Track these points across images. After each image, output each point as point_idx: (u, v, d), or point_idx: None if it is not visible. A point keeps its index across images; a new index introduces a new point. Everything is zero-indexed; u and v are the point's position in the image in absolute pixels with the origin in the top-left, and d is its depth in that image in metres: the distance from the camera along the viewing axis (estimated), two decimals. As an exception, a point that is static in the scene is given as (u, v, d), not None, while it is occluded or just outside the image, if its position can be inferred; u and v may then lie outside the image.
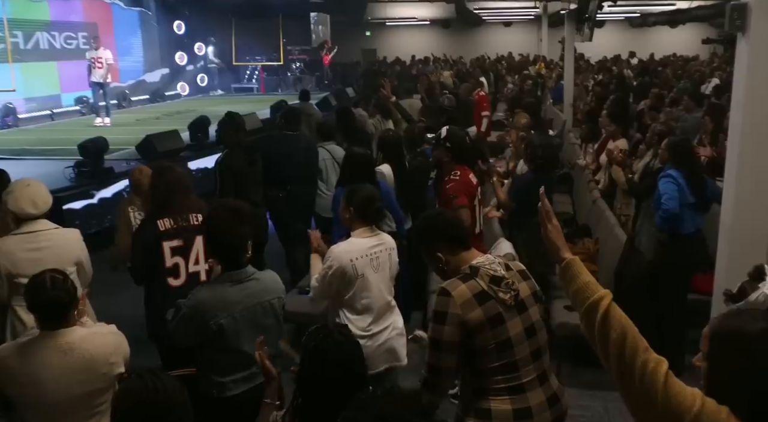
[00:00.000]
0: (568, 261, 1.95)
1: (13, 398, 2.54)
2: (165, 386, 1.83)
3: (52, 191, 7.47)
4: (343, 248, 3.41)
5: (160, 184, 3.70)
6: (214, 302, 2.79)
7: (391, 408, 1.13)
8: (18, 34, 14.85)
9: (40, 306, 2.53)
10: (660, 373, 1.69)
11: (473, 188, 4.54)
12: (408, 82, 13.15)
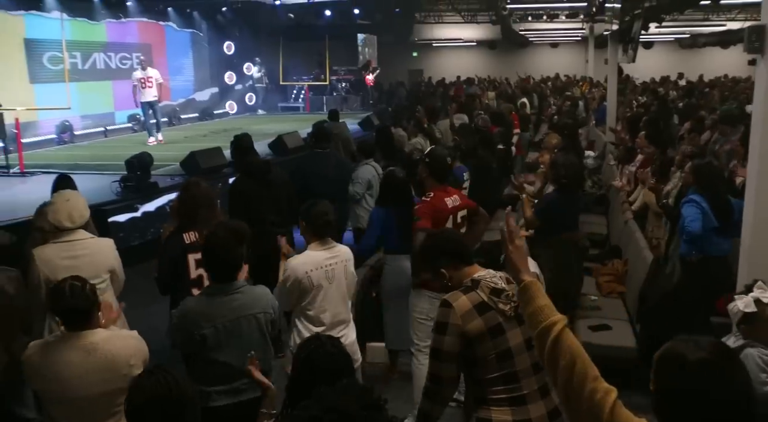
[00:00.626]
0: (525, 284, 1.96)
1: (40, 393, 2.73)
2: (176, 381, 1.97)
3: (99, 204, 7.92)
4: (300, 261, 3.60)
5: (186, 198, 3.89)
6: (199, 313, 2.94)
7: (344, 400, 1.23)
8: (77, 54, 15.53)
9: (60, 311, 2.72)
10: (607, 403, 1.69)
11: (445, 211, 4.42)
12: (449, 103, 13.27)
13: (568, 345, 1.79)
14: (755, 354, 2.84)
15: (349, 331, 3.80)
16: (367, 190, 6.41)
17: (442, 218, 4.43)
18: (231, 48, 21.14)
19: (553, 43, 30.79)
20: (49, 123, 14.25)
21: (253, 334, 3.03)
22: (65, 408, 2.70)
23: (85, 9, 15.56)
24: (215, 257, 3.03)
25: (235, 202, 5.54)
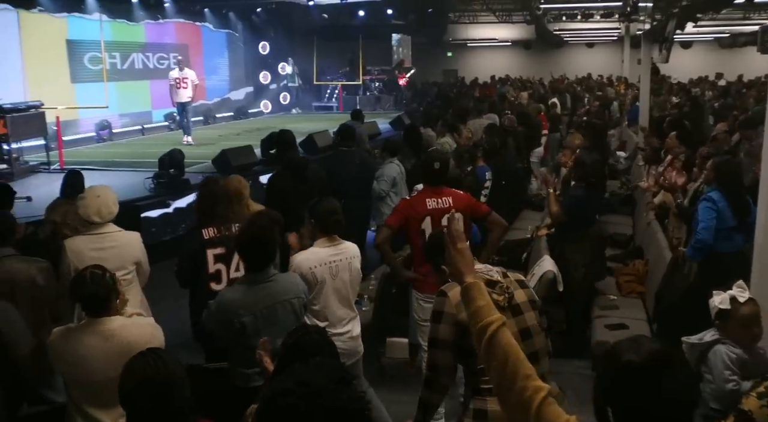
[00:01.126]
0: (467, 285, 1.98)
1: (63, 375, 2.90)
2: (165, 364, 2.09)
3: (132, 200, 8.16)
4: (304, 257, 3.70)
5: (205, 195, 4.04)
6: (237, 302, 3.08)
7: (315, 375, 1.34)
8: (116, 55, 15.97)
9: (81, 298, 2.88)
10: (535, 401, 1.71)
11: (421, 212, 4.35)
12: (479, 103, 13.29)
13: (502, 344, 1.82)
14: (723, 351, 2.88)
15: (353, 325, 3.89)
16: (392, 188, 6.52)
17: (416, 217, 4.36)
18: (266, 48, 21.45)
19: (589, 43, 30.46)
20: (89, 122, 14.68)
21: (288, 319, 3.17)
22: (85, 390, 2.86)
23: (125, 10, 15.99)
24: (256, 245, 3.16)
25: (272, 196, 5.74)
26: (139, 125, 16.15)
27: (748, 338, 2.90)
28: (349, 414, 1.28)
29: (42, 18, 13.75)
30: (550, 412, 1.69)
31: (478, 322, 1.89)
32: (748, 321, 2.90)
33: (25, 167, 10.53)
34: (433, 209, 4.35)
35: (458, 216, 4.07)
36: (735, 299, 2.88)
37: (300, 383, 1.30)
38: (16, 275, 3.52)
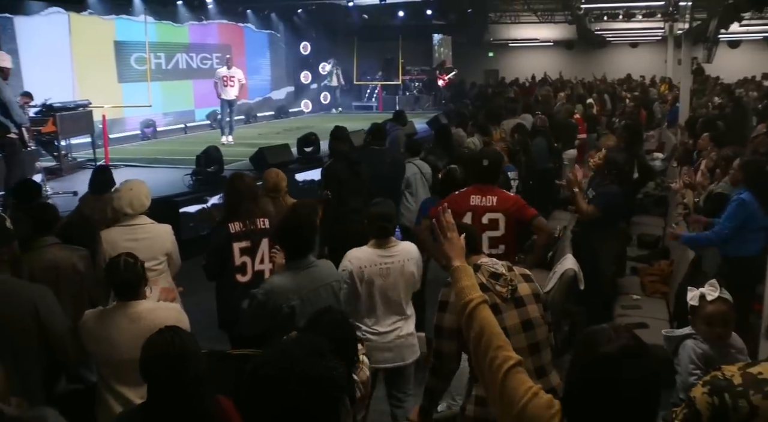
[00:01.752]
0: (454, 268, 2.22)
1: (94, 354, 3.12)
2: (181, 339, 2.29)
3: (171, 196, 8.46)
4: (357, 255, 3.83)
5: (231, 191, 4.24)
6: (285, 288, 3.25)
7: (293, 347, 1.49)
8: (161, 55, 16.45)
9: (114, 283, 3.10)
10: (503, 368, 1.87)
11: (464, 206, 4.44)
12: (513, 104, 13.31)
13: (480, 319, 2.01)
14: (690, 346, 2.95)
15: (403, 324, 3.94)
16: (406, 188, 6.64)
17: (457, 211, 4.34)
18: (307, 48, 21.78)
19: (633, 42, 30.03)
20: (134, 120, 15.17)
21: (330, 300, 3.33)
22: (114, 369, 3.08)
23: (170, 12, 16.46)
24: (298, 232, 3.34)
25: (331, 183, 5.98)
26: (182, 124, 16.60)
27: (712, 336, 2.96)
28: (321, 381, 1.43)
29: (91, 20, 14.27)
30: (516, 379, 1.85)
31: (461, 299, 2.10)
32: (712, 319, 2.95)
33: (73, 163, 10.97)
34: (475, 205, 4.43)
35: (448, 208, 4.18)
36: (703, 296, 2.94)
37: (279, 354, 1.46)
38: (59, 262, 3.77)
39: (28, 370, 3.12)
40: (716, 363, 2.88)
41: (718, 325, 2.95)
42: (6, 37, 12.31)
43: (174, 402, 2.30)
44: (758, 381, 2.10)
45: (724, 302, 2.96)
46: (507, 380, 1.86)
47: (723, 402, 2.08)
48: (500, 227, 4.47)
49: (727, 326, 2.97)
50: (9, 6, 12.27)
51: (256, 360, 1.50)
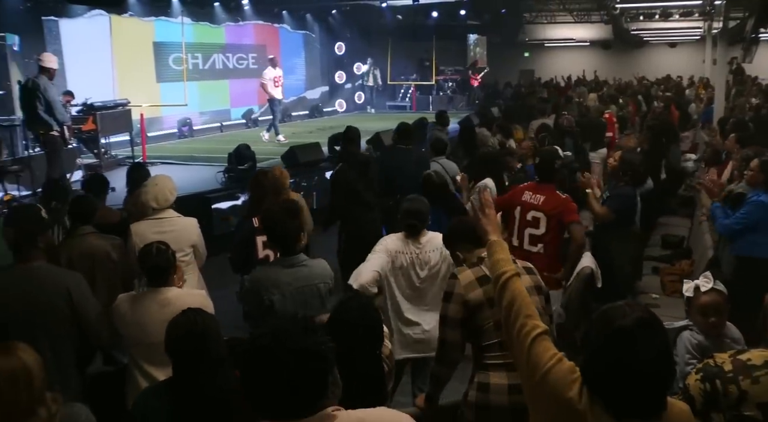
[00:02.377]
0: (491, 242, 2.39)
1: (125, 336, 3.34)
2: (203, 319, 2.51)
3: (204, 192, 8.72)
4: (393, 239, 3.97)
5: (255, 187, 4.43)
6: (268, 281, 3.39)
7: (285, 324, 1.65)
8: (198, 55, 16.85)
9: (146, 268, 3.31)
10: (531, 335, 2.02)
11: (516, 202, 4.74)
12: (543, 104, 13.33)
13: (512, 289, 2.17)
14: (687, 337, 3.05)
15: (428, 317, 3.96)
16: None
17: (511, 206, 4.76)
18: (342, 48, 22.02)
19: (672, 42, 29.58)
20: (171, 119, 15.58)
21: (313, 301, 3.44)
22: (143, 350, 3.29)
23: (207, 14, 16.85)
24: (272, 230, 3.51)
25: (336, 190, 6.18)
26: (218, 123, 16.96)
27: (706, 326, 3.06)
28: (309, 354, 1.58)
29: (131, 22, 14.70)
30: (542, 346, 2.00)
31: (496, 270, 2.28)
32: (706, 309, 3.06)
33: (113, 161, 11.34)
34: (525, 201, 4.68)
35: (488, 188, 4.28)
36: (698, 288, 3.03)
37: (273, 329, 1.62)
38: (95, 250, 4.03)
39: (61, 351, 3.34)
40: (711, 353, 2.98)
41: (712, 315, 3.07)
42: (51, 39, 12.80)
43: (196, 377, 2.49)
44: (747, 367, 2.21)
45: (718, 293, 3.07)
46: (534, 346, 2.00)
47: (714, 388, 2.22)
48: (540, 226, 4.64)
49: (721, 315, 3.08)
50: (55, 9, 12.74)
51: (254, 333, 1.67)
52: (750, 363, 2.23)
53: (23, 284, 3.21)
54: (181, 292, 3.36)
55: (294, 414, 1.57)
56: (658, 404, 1.82)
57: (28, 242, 3.26)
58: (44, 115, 8.04)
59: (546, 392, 1.93)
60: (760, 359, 2.24)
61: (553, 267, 4.62)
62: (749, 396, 2.18)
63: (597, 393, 1.82)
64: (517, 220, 4.72)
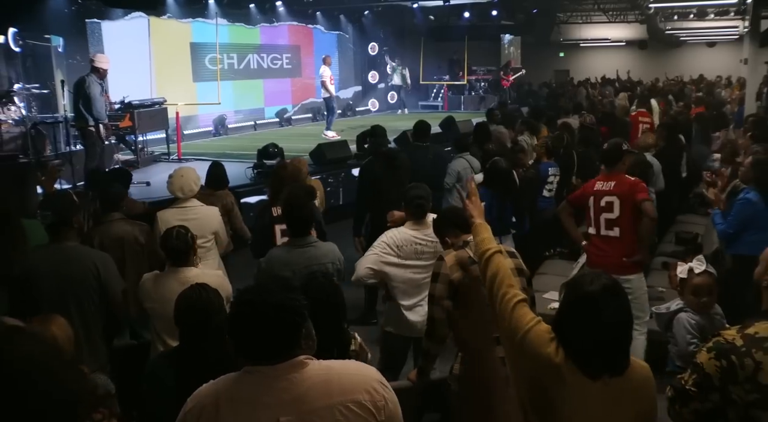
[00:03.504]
0: (475, 225, 2.73)
1: (149, 311, 3.67)
2: (207, 293, 2.80)
3: (233, 187, 9.07)
4: (395, 233, 4.19)
5: (274, 179, 4.75)
6: (280, 261, 3.72)
7: (268, 284, 1.93)
8: (234, 56, 17.33)
9: (167, 249, 3.64)
10: (512, 301, 2.32)
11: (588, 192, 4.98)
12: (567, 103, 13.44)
13: (496, 263, 2.48)
14: (685, 319, 3.24)
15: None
16: (457, 181, 7.00)
17: (584, 199, 5.00)
18: (375, 49, 22.32)
19: (710, 42, 29.19)
20: (207, 117, 16.07)
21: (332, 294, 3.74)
22: (165, 324, 3.61)
23: (243, 15, 17.32)
24: (293, 213, 3.82)
25: (364, 181, 6.46)
26: (252, 121, 17.41)
27: (698, 305, 3.30)
28: (285, 307, 1.86)
29: (169, 23, 15.24)
30: (522, 311, 2.31)
31: (481, 248, 2.61)
32: (698, 289, 3.31)
33: (149, 157, 11.83)
34: (597, 190, 4.92)
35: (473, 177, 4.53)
36: (692, 270, 3.24)
37: (257, 287, 1.91)
38: (124, 235, 4.40)
39: (91, 324, 3.69)
40: (707, 330, 3.19)
41: (704, 295, 3.34)
42: (94, 40, 13.38)
43: (199, 345, 2.79)
44: (757, 340, 2.37)
45: (709, 275, 3.34)
46: (515, 311, 2.30)
47: (731, 363, 2.34)
48: (614, 209, 4.87)
49: (711, 295, 3.35)
50: (97, 12, 13.32)
51: (241, 290, 1.96)
52: (758, 336, 2.35)
53: (57, 261, 3.57)
54: (199, 272, 3.68)
55: (271, 359, 1.86)
56: (621, 362, 2.13)
57: (62, 224, 3.61)
58: (83, 109, 8.50)
59: (526, 350, 2.22)
60: (766, 331, 2.38)
61: (630, 251, 4.80)
62: (764, 366, 2.29)
63: (568, 352, 2.13)
64: (592, 208, 4.93)
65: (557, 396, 2.14)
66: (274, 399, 1.82)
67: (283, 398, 1.82)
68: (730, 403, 2.39)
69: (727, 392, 2.38)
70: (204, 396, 1.89)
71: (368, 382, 1.91)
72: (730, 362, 2.34)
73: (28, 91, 10.88)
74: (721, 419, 2.43)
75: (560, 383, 2.13)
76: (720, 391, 2.39)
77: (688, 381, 2.46)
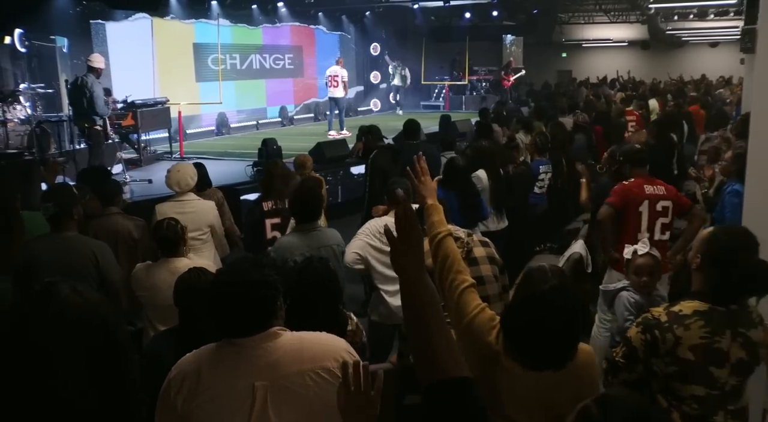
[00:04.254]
0: (427, 206, 2.63)
1: (142, 299, 3.85)
2: (205, 276, 2.95)
3: (233, 184, 9.27)
4: (375, 221, 4.39)
5: (266, 175, 4.94)
6: (292, 245, 3.94)
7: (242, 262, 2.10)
8: (236, 56, 17.53)
9: (158, 239, 3.83)
10: (460, 287, 2.37)
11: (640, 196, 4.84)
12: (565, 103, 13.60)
13: (446, 247, 2.49)
14: (625, 297, 3.47)
15: None
16: None
17: (635, 200, 4.86)
18: (377, 49, 22.49)
19: (712, 42, 29.27)
20: (209, 117, 16.27)
21: (330, 259, 3.79)
22: (158, 312, 3.80)
23: (245, 16, 17.52)
24: (305, 202, 4.06)
25: (374, 172, 6.67)
26: (254, 121, 17.60)
27: (639, 284, 3.51)
28: (259, 282, 2.03)
29: (173, 24, 15.44)
30: (469, 297, 2.37)
31: (432, 231, 2.58)
32: (640, 269, 3.54)
33: (152, 155, 12.03)
34: (650, 194, 4.86)
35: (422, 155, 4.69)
36: (636, 251, 3.43)
37: (232, 266, 2.09)
38: (119, 229, 4.59)
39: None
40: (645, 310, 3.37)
41: (645, 275, 3.55)
42: (98, 41, 13.60)
43: (196, 325, 2.96)
44: (680, 317, 2.56)
45: (651, 257, 3.53)
46: (462, 297, 2.35)
47: (654, 337, 2.55)
48: (669, 214, 4.91)
49: (653, 276, 3.55)
50: (102, 13, 13.53)
51: (217, 271, 2.13)
52: (681, 314, 2.55)
53: (58, 249, 3.76)
54: (189, 262, 3.85)
55: (248, 332, 2.03)
56: (564, 358, 2.12)
57: (63, 215, 3.80)
58: (88, 109, 8.72)
59: (471, 336, 2.31)
60: (689, 309, 2.57)
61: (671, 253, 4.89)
62: (683, 340, 2.50)
63: (512, 345, 2.16)
64: (647, 213, 4.83)
65: (497, 380, 2.21)
66: (250, 366, 2.00)
67: (258, 365, 1.99)
68: (653, 375, 2.59)
69: (650, 364, 2.58)
70: (186, 365, 2.07)
71: (337, 351, 2.08)
72: (653, 336, 2.54)
73: (34, 90, 11.10)
74: (646, 389, 2.62)
75: (499, 369, 2.21)
76: (644, 363, 2.58)
77: (619, 353, 2.66)
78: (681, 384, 2.54)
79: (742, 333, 2.54)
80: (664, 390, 2.59)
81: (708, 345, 2.50)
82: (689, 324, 2.53)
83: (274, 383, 1.99)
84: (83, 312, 1.40)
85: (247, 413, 1.96)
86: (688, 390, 2.53)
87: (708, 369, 2.50)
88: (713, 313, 2.53)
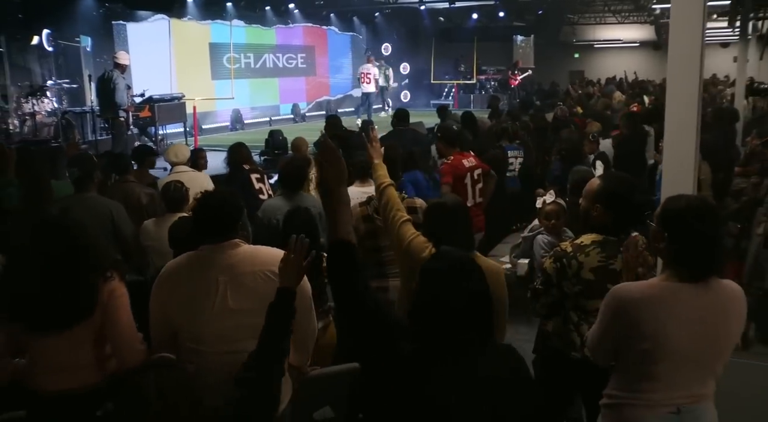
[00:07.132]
0: (374, 164, 3.48)
1: (149, 248, 4.59)
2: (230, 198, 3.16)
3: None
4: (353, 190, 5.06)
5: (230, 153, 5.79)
6: (275, 206, 4.69)
7: (210, 197, 2.85)
8: (251, 55, 18.36)
9: (166, 199, 4.61)
10: (399, 220, 3.19)
11: (463, 170, 5.63)
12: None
13: (387, 193, 3.36)
14: (540, 239, 4.19)
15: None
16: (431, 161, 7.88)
17: (461, 175, 5.63)
18: (388, 49, 23.19)
19: (723, 42, 29.49)
20: (224, 113, 17.11)
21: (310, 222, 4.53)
22: (164, 258, 4.43)
23: (259, 17, 18.35)
24: (291, 173, 4.85)
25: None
26: (267, 117, 18.41)
27: (548, 226, 4.26)
28: (227, 202, 2.75)
29: (190, 25, 16.30)
30: (406, 227, 3.22)
31: (377, 181, 3.44)
32: (549, 215, 4.29)
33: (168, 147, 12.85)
34: (468, 167, 5.69)
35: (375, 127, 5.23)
36: (545, 201, 4.17)
37: (210, 193, 2.83)
38: (129, 194, 5.31)
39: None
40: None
41: (553, 218, 4.29)
42: (120, 41, 14.48)
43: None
44: (581, 247, 3.18)
45: (557, 204, 4.29)
46: (401, 227, 3.20)
47: (562, 264, 3.15)
48: (482, 179, 5.79)
49: (559, 219, 4.28)
50: (123, 15, 14.46)
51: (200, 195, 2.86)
52: (582, 244, 3.13)
53: (80, 208, 4.49)
54: (189, 218, 4.58)
55: (216, 239, 2.74)
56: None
57: (86, 178, 4.56)
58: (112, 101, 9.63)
59: (408, 254, 3.14)
60: (589, 240, 3.15)
61: None
62: (584, 265, 3.08)
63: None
64: (470, 182, 5.67)
65: None
66: (215, 265, 2.71)
67: (222, 265, 2.70)
68: (564, 296, 3.23)
69: (561, 286, 3.22)
70: (172, 266, 2.80)
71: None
72: (562, 263, 3.18)
73: (60, 86, 12.02)
74: (562, 309, 3.27)
75: None
76: (557, 286, 3.23)
77: (538, 282, 3.31)
78: (586, 300, 3.11)
79: None
80: (574, 307, 3.18)
81: (604, 266, 3.06)
82: (589, 252, 3.10)
83: (232, 278, 2.69)
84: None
85: (213, 299, 2.67)
86: (592, 304, 3.04)
87: (606, 286, 2.91)
88: (607, 242, 3.11)
